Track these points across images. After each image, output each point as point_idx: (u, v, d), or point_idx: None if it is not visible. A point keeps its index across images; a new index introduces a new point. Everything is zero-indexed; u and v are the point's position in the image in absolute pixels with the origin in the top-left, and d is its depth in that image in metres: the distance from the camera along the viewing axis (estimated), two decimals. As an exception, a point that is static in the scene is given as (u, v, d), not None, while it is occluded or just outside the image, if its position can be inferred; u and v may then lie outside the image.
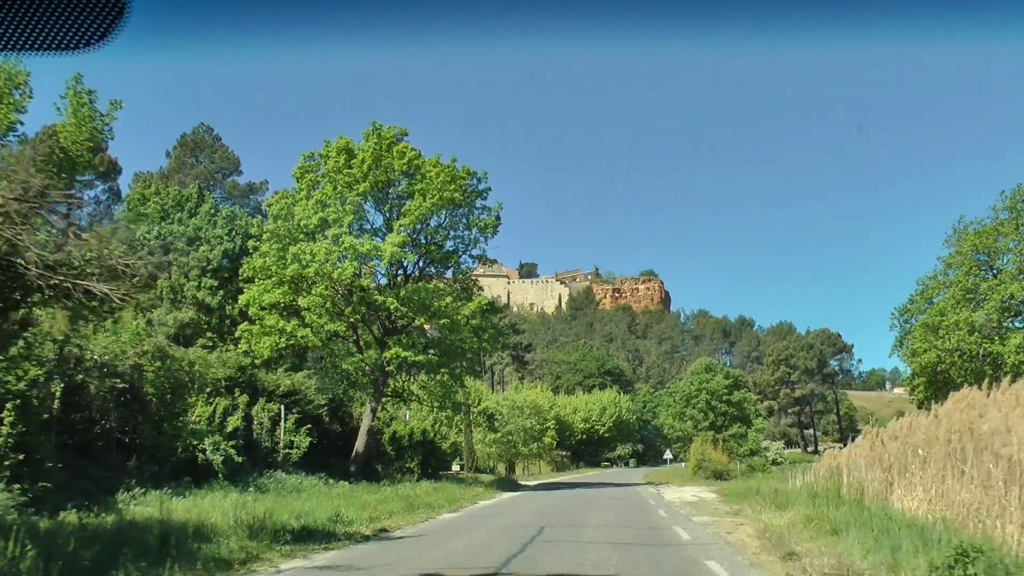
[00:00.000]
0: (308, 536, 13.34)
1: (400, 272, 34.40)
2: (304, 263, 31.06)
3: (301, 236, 32.41)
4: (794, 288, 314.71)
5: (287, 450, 26.90)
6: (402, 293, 31.11)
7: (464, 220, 33.83)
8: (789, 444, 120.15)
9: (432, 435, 41.90)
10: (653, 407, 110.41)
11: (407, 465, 40.40)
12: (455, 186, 31.73)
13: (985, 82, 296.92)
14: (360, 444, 33.52)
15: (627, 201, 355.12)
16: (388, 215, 32.79)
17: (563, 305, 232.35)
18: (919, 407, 60.32)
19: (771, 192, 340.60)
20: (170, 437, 21.90)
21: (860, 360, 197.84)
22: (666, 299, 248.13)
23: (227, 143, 62.25)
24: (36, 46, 3.13)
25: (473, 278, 35.20)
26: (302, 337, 32.21)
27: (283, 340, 32.22)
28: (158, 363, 22.04)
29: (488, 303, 34.40)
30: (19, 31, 3.06)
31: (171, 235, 41.69)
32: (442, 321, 31.58)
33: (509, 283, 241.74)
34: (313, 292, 31.73)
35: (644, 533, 13.70)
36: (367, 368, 34.10)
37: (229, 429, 23.66)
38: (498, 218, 34.35)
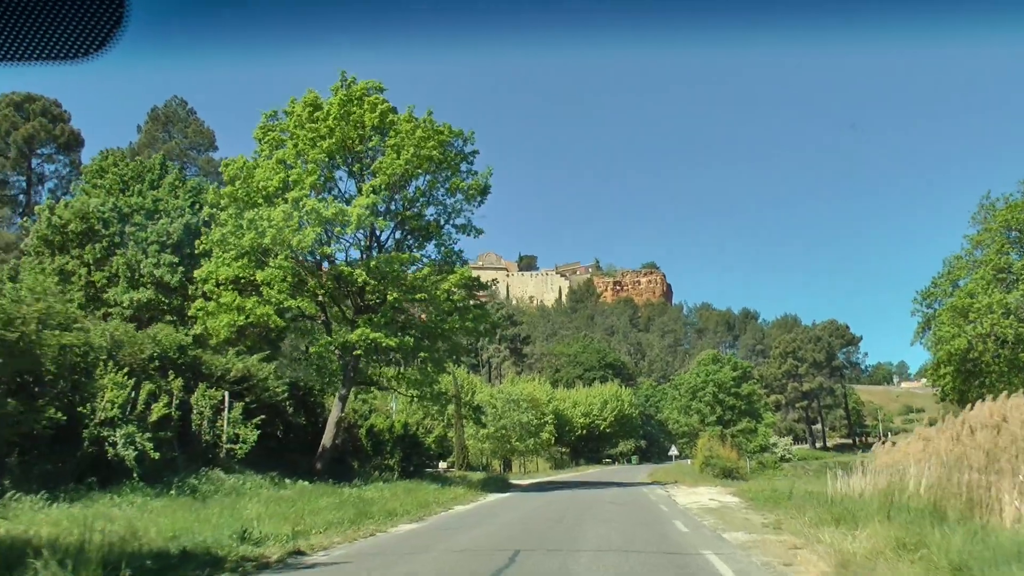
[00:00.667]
0: (180, 563, 9.27)
1: (375, 244, 30.24)
2: (261, 230, 27.06)
3: (260, 200, 28.38)
4: (798, 281, 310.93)
5: (230, 444, 22.78)
6: (372, 263, 26.97)
7: (445, 185, 29.63)
8: (796, 440, 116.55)
9: (415, 429, 37.85)
10: (656, 401, 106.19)
11: (386, 462, 36.44)
12: (434, 142, 27.55)
13: (988, 76, 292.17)
14: (327, 438, 29.51)
15: (628, 194, 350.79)
16: (359, 177, 28.64)
17: (563, 298, 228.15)
18: (942, 399, 56.17)
19: (774, 184, 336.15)
20: (73, 427, 17.92)
21: (866, 354, 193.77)
22: (668, 292, 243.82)
23: (202, 117, 58.12)
24: (35, 56, 3.14)
25: (458, 252, 30.87)
26: (261, 315, 28.18)
27: (240, 319, 28.23)
28: (59, 333, 18.03)
29: (473, 278, 30.22)
30: (18, 43, 3.08)
31: (128, 207, 37.60)
32: (418, 296, 27.41)
33: (508, 276, 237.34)
34: (272, 263, 27.66)
35: (664, 565, 9.54)
36: (337, 352, 30.08)
37: (153, 418, 19.58)
38: (487, 184, 30.15)
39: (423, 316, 31.32)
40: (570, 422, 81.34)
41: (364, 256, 29.86)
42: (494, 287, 31.03)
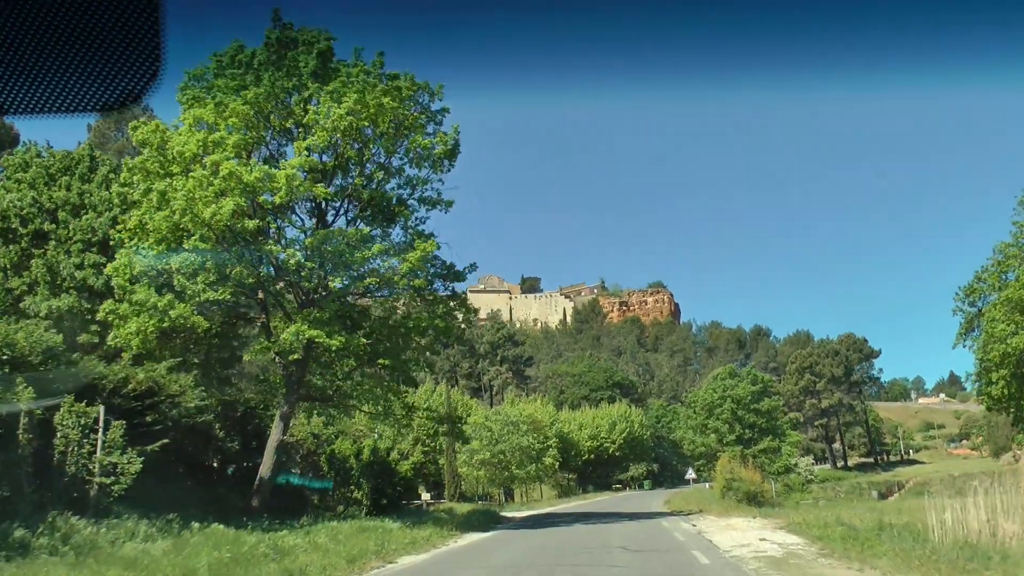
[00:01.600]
0: None
1: (322, 226, 24.36)
2: (172, 204, 21.46)
3: (176, 170, 22.67)
4: (809, 297, 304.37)
5: (101, 478, 16.82)
6: (308, 241, 21.14)
7: (405, 147, 23.81)
8: (816, 460, 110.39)
9: (386, 455, 31.78)
10: (668, 422, 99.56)
11: (352, 494, 30.48)
12: (384, 88, 21.79)
13: (982, 108, 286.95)
14: (265, 468, 23.61)
15: (633, 213, 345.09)
16: (294, 135, 22.87)
17: (568, 319, 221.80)
18: (990, 409, 49.77)
19: (780, 198, 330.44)
20: None
21: (881, 370, 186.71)
22: (676, 311, 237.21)
23: (160, 115, 52.46)
24: (72, 108, 3.15)
25: (428, 234, 24.76)
26: (178, 317, 22.29)
27: (153, 322, 22.37)
28: None
29: (447, 266, 24.22)
30: (56, 94, 3.09)
31: (52, 202, 32.06)
32: (368, 281, 21.54)
33: (511, 298, 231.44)
34: (187, 245, 21.88)
35: None
36: (278, 360, 24.27)
37: (-34, 443, 13.73)
38: (455, 144, 24.33)
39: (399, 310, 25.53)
40: (576, 446, 74.83)
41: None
42: (472, 268, 24.96)
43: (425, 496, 38.27)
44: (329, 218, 23.97)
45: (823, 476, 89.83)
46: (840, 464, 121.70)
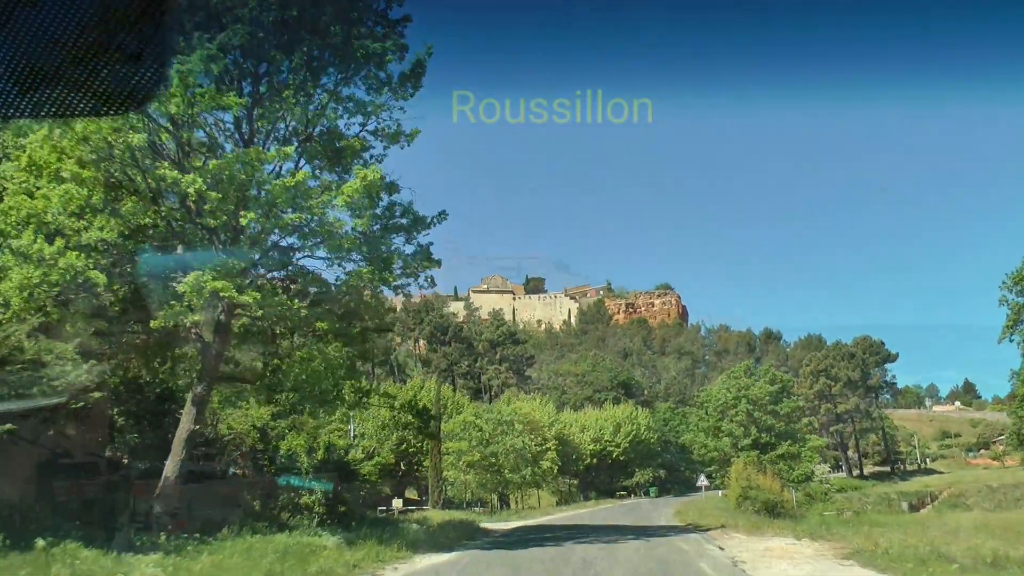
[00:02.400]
0: None
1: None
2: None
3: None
4: (820, 300, 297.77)
5: None
6: (213, 165, 16.02)
7: (353, 64, 18.66)
8: (832, 468, 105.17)
9: (343, 453, 26.65)
10: (676, 425, 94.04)
11: (300, 500, 25.32)
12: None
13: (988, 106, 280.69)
14: (172, 466, 18.55)
15: (640, 214, 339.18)
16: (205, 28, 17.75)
17: (573, 320, 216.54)
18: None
19: (792, 199, 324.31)
20: None
21: (894, 376, 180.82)
22: (684, 314, 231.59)
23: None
24: (77, 112, 3.04)
25: (387, 179, 19.60)
26: (65, 269, 17.25)
27: (39, 274, 17.34)
28: None
29: (406, 208, 19.04)
30: (63, 99, 2.93)
31: (-38, 155, 27.03)
32: (291, 218, 16.39)
33: (515, 299, 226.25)
34: (63, 172, 16.90)
35: None
36: (193, 330, 19.20)
37: None
38: (419, 64, 19.18)
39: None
40: (577, 449, 69.44)
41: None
42: (440, 217, 19.79)
43: (396, 503, 33.02)
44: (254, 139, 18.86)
45: (840, 485, 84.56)
46: (856, 472, 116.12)
